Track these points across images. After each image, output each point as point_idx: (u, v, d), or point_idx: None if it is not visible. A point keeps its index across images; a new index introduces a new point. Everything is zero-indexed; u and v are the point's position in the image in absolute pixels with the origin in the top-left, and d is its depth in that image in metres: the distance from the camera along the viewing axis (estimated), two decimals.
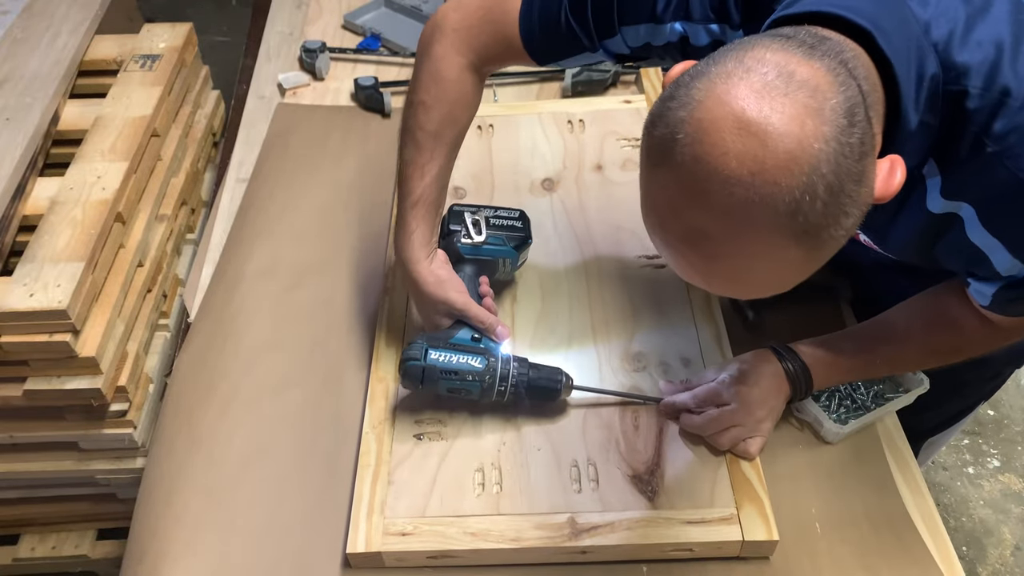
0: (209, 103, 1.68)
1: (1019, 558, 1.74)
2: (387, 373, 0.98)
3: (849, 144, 0.57)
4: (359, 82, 1.41)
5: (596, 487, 0.87)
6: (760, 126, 0.55)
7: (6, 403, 1.18)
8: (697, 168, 0.57)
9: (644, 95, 1.37)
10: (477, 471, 0.89)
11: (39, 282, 1.11)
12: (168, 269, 1.42)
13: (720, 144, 0.56)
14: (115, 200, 1.23)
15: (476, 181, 1.23)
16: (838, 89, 0.57)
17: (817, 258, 0.61)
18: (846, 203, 0.58)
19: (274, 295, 1.11)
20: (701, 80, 0.58)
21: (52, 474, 1.30)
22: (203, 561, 0.86)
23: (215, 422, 0.97)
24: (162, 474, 0.95)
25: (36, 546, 1.44)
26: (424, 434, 0.92)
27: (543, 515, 0.85)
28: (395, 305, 1.05)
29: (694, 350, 1.00)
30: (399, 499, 0.86)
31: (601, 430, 0.92)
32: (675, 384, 0.95)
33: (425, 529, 0.84)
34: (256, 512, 0.89)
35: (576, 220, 1.16)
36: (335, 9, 1.65)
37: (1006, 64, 0.65)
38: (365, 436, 0.92)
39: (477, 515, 0.85)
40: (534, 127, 1.31)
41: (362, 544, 0.82)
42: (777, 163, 0.55)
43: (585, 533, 0.83)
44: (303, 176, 1.28)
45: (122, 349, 1.22)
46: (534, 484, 0.88)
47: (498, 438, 0.92)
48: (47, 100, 1.34)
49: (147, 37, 1.54)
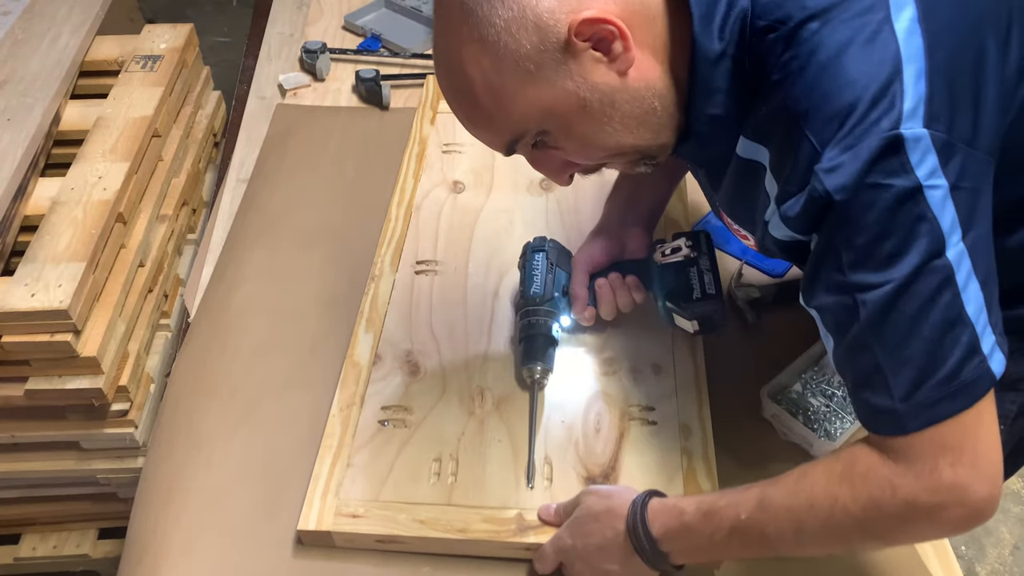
0: (210, 104, 1.68)
1: (1018, 557, 1.74)
2: (362, 359, 0.99)
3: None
4: (360, 74, 1.41)
5: (549, 485, 0.87)
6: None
7: (7, 403, 1.19)
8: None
9: None
10: (435, 460, 0.90)
11: (40, 282, 1.11)
12: (169, 269, 1.42)
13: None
14: (116, 200, 1.24)
15: (476, 176, 1.24)
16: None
17: (497, 61, 0.66)
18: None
19: (274, 295, 1.11)
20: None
21: (53, 474, 1.31)
22: (202, 561, 0.86)
23: (214, 422, 0.98)
24: (161, 474, 0.95)
25: (37, 545, 1.44)
26: (389, 420, 0.93)
27: (492, 509, 0.85)
28: (379, 293, 1.06)
29: (667, 358, 0.99)
30: (355, 482, 0.87)
31: (563, 429, 0.93)
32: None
33: (376, 513, 0.84)
34: (255, 512, 0.89)
35: (569, 221, 1.17)
36: (335, 10, 1.66)
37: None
38: (331, 419, 0.93)
39: (428, 503, 0.86)
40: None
41: (313, 522, 0.83)
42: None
43: (531, 530, 0.83)
44: (303, 176, 1.28)
45: (123, 349, 1.23)
46: (488, 477, 0.88)
47: (460, 428, 0.93)
48: (48, 100, 1.35)
49: (148, 38, 1.55)
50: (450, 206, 1.19)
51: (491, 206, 1.19)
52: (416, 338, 1.02)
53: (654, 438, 0.91)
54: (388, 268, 1.09)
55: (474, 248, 1.13)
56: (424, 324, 1.03)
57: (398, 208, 1.18)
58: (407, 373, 0.98)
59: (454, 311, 1.05)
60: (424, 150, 1.27)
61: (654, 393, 0.96)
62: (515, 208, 1.18)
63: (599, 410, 0.94)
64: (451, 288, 1.08)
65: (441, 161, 1.26)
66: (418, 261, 1.11)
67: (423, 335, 1.02)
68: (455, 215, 1.18)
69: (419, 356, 1.00)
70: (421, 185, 1.22)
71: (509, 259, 1.10)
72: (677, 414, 0.93)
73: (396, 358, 1.00)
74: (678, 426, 0.92)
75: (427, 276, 1.09)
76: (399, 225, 1.15)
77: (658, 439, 0.91)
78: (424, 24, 1.61)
